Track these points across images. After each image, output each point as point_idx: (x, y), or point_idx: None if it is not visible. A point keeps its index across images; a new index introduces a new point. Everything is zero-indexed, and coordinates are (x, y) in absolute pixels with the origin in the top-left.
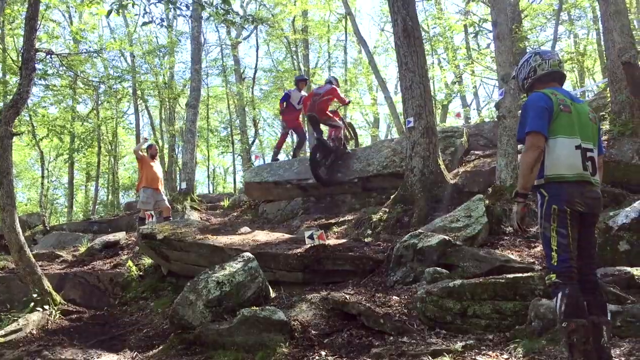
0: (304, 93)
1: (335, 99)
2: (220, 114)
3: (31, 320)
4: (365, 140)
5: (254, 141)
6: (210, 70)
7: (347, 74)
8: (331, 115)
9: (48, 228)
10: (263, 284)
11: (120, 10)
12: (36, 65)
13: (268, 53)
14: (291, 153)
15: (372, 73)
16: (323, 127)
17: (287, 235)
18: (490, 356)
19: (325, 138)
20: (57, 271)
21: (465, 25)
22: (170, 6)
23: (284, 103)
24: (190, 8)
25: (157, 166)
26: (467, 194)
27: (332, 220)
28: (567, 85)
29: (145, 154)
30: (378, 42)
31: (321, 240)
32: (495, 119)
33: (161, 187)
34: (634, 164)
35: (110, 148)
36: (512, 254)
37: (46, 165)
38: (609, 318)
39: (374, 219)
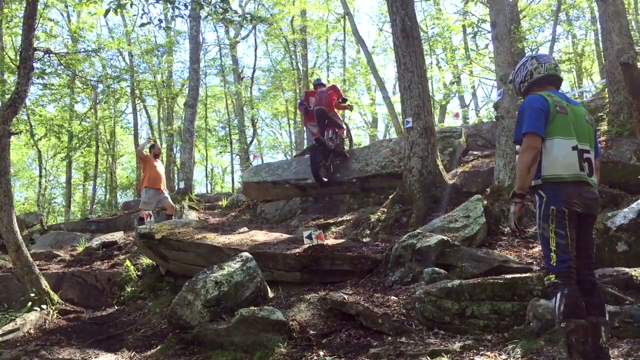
0: None
1: (336, 96)
2: (219, 113)
3: (29, 320)
4: (363, 140)
5: (252, 141)
6: (209, 70)
7: (346, 73)
8: (337, 113)
9: (46, 227)
10: (261, 283)
11: (118, 10)
12: (34, 64)
13: (267, 53)
14: (289, 153)
15: (370, 73)
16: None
17: (285, 235)
18: (489, 356)
19: (325, 139)
20: (54, 271)
21: (463, 26)
22: (169, 6)
23: (303, 108)
24: (189, 7)
25: (160, 166)
26: (466, 194)
27: (331, 220)
28: (565, 86)
29: (148, 153)
30: (377, 42)
31: (319, 240)
32: (494, 120)
33: (163, 187)
34: (632, 164)
35: (108, 147)
36: (511, 254)
37: (44, 165)
38: (607, 318)
39: (373, 219)
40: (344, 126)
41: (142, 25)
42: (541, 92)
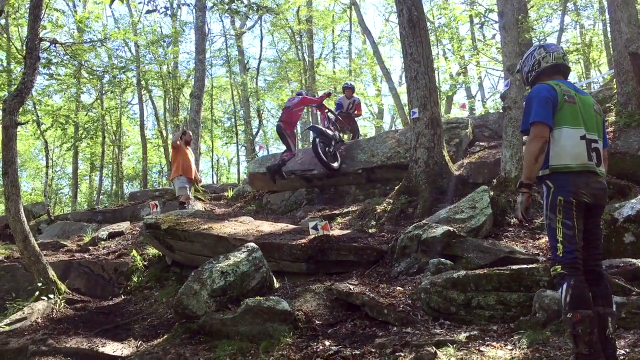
0: (355, 97)
1: (304, 108)
2: (224, 104)
3: (36, 309)
4: (369, 131)
5: (257, 132)
6: (215, 61)
7: (352, 64)
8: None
9: (52, 217)
10: (267, 274)
11: None
12: (40, 54)
13: (272, 43)
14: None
15: (376, 64)
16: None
17: (291, 226)
18: (495, 347)
19: (321, 127)
20: (61, 260)
21: (470, 16)
22: None
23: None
24: None
25: (191, 154)
26: (472, 185)
27: (336, 211)
28: (573, 77)
29: (180, 141)
30: (383, 33)
31: (325, 230)
32: (500, 110)
33: (193, 178)
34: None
35: (114, 138)
36: (517, 245)
37: (50, 155)
38: (614, 309)
39: (378, 210)
40: (294, 150)
41: (148, 12)
42: (549, 81)
